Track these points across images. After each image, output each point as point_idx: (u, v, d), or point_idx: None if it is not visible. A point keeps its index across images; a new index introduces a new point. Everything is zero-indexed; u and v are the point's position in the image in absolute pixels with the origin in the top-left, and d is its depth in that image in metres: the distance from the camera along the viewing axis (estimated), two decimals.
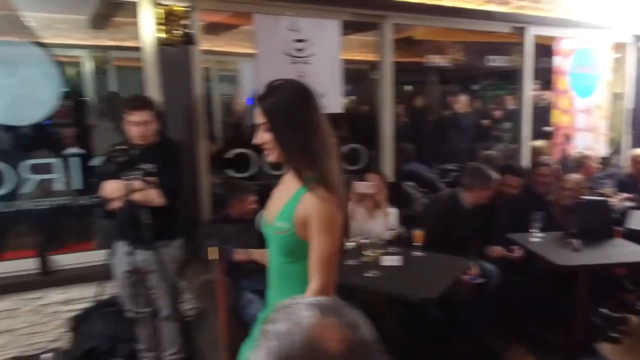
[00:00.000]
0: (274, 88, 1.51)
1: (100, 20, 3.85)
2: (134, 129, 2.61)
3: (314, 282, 1.44)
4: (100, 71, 4.25)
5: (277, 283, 1.59)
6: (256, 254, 2.89)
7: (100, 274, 2.84)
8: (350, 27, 3.91)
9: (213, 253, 2.73)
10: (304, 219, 1.44)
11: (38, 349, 3.07)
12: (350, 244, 3.01)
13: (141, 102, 2.69)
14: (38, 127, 3.23)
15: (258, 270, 2.26)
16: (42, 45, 3.21)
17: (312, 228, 1.44)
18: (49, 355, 3.06)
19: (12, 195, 3.09)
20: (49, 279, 3.10)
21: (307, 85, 1.54)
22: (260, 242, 3.09)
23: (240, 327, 2.75)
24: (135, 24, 3.25)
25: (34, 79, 3.21)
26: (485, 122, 5.82)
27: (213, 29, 4.47)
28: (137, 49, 3.29)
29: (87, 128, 3.62)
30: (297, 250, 1.48)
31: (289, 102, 1.48)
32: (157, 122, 2.71)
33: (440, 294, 2.56)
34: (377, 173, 3.47)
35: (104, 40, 4.08)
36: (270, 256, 1.59)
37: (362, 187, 3.30)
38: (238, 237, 3.08)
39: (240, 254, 2.94)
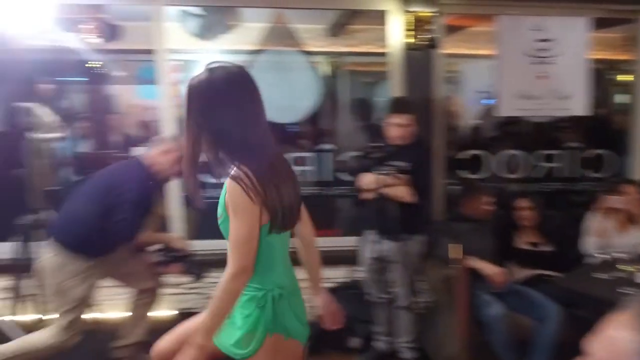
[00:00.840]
0: (194, 76, 1.47)
1: (337, 29, 4.23)
2: (394, 130, 2.83)
3: (229, 267, 1.45)
4: (334, 75, 4.67)
5: None
6: (480, 264, 2.89)
7: (345, 258, 3.14)
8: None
9: (455, 251, 2.82)
10: (228, 205, 1.46)
11: None
12: (602, 256, 2.81)
13: (403, 106, 2.90)
14: (296, 125, 3.69)
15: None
16: (302, 52, 3.66)
17: (229, 213, 1.45)
18: None
19: None
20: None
21: (230, 71, 1.46)
22: (494, 243, 3.10)
23: (474, 326, 2.80)
24: (365, 30, 3.47)
25: (299, 82, 3.69)
26: None
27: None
28: (379, 54, 3.53)
29: (335, 127, 4.01)
30: None
31: (201, 87, 1.44)
32: (415, 124, 2.89)
33: None
34: (634, 184, 3.14)
35: (339, 46, 4.47)
36: None
37: (614, 201, 3.03)
38: (471, 236, 3.10)
39: (469, 261, 2.92)
